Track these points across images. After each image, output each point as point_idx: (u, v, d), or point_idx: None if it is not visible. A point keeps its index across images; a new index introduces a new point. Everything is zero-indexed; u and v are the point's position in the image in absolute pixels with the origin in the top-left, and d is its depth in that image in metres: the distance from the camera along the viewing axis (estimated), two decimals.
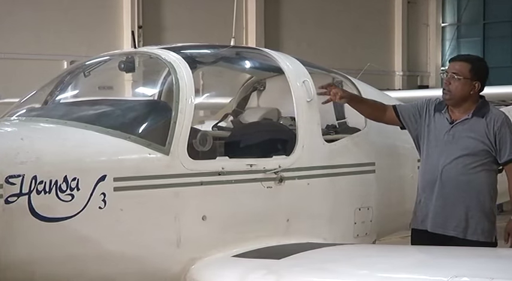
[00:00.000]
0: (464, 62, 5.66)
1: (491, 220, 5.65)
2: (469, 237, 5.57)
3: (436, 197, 5.62)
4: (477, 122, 5.59)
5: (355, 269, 4.91)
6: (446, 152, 5.60)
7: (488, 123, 5.56)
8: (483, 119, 5.58)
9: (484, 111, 5.62)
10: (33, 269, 4.69)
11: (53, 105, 5.86)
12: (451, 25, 30.09)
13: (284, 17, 24.39)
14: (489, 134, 5.55)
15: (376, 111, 5.94)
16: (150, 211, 4.99)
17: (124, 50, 7.14)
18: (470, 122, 5.61)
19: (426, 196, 5.69)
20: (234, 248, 5.28)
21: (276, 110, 6.72)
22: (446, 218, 5.60)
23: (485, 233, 5.61)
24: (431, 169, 5.66)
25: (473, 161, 5.56)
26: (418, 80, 28.91)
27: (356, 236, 6.06)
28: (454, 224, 5.59)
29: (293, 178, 5.60)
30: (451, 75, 5.61)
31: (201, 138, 5.28)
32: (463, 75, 5.58)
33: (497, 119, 5.57)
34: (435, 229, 5.64)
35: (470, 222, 5.58)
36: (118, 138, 5.03)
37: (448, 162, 5.58)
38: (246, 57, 6.77)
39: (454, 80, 5.59)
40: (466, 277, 4.33)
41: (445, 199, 5.59)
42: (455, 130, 5.61)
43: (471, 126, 5.59)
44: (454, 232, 5.59)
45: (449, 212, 5.60)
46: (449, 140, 5.61)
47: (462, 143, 5.58)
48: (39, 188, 4.58)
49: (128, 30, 19.93)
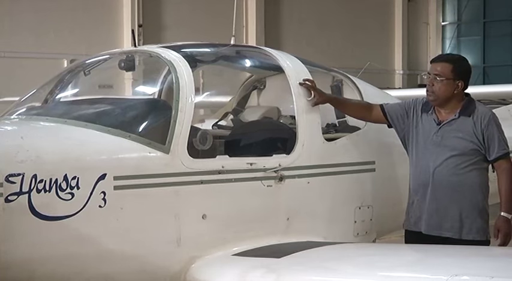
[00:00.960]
0: (445, 62, 5.65)
1: (484, 218, 5.67)
2: (464, 237, 5.58)
3: (429, 199, 5.63)
4: (464, 122, 5.59)
5: (355, 268, 4.91)
6: (436, 154, 5.60)
7: (475, 122, 5.56)
8: (470, 118, 5.58)
9: (470, 110, 5.62)
10: (34, 268, 4.69)
11: (53, 104, 5.86)
12: (451, 24, 30.11)
13: (284, 15, 24.40)
14: (477, 133, 5.55)
15: (361, 110, 5.97)
16: (150, 210, 4.99)
17: (124, 49, 7.12)
18: (457, 122, 5.61)
19: (419, 198, 5.70)
20: (234, 247, 5.28)
21: (276, 109, 6.72)
22: (441, 220, 5.61)
23: (480, 232, 5.62)
24: (422, 171, 5.67)
25: (463, 161, 5.57)
26: (418, 79, 28.89)
27: (356, 235, 6.06)
28: (449, 225, 5.60)
29: (293, 176, 5.60)
30: (433, 76, 5.60)
31: (201, 137, 5.28)
32: (445, 76, 5.58)
33: (484, 117, 5.57)
34: (430, 231, 5.65)
35: (465, 222, 5.59)
36: (118, 137, 5.03)
37: (438, 164, 5.58)
38: (246, 56, 6.76)
39: (437, 81, 5.58)
40: (466, 275, 4.34)
41: (439, 201, 5.60)
42: (443, 131, 5.62)
43: (459, 126, 5.59)
44: (449, 233, 5.60)
45: (444, 213, 5.60)
46: (437, 142, 5.62)
47: (451, 144, 5.58)
48: (39, 186, 4.58)
49: (128, 29, 19.95)
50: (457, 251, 5.28)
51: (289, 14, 24.44)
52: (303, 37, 23.89)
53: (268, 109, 6.72)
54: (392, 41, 27.82)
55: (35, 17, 18.75)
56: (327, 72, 6.57)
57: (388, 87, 22.01)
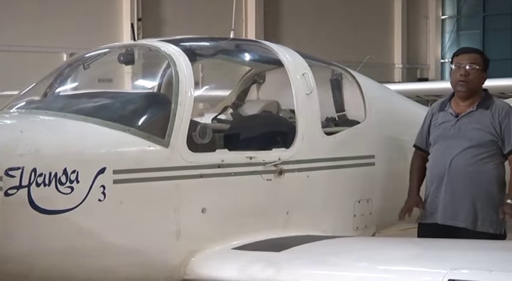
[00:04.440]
0: (475, 53, 5.81)
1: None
2: (478, 229, 5.63)
3: (445, 189, 5.68)
4: (482, 114, 5.67)
5: (355, 262, 4.91)
6: (454, 145, 5.66)
7: (493, 114, 5.65)
8: (488, 110, 5.67)
9: (488, 103, 5.72)
10: (33, 262, 4.69)
11: (53, 98, 5.85)
12: (450, 17, 30.07)
13: (284, 9, 24.38)
14: (495, 124, 5.63)
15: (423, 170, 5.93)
16: (150, 204, 4.98)
17: (123, 43, 7.11)
18: (475, 114, 5.69)
19: (435, 188, 5.74)
20: (233, 241, 5.29)
21: (276, 103, 6.71)
22: (456, 210, 5.65)
23: (493, 225, 5.65)
24: (439, 162, 5.72)
25: (481, 152, 5.62)
26: (417, 73, 28.91)
27: (356, 228, 6.07)
28: (464, 216, 5.64)
29: (293, 170, 5.60)
30: (470, 66, 5.67)
31: (200, 131, 5.27)
32: (479, 66, 5.71)
33: (501, 110, 5.68)
34: (445, 221, 5.69)
35: (479, 214, 5.63)
36: (117, 131, 5.02)
37: (456, 154, 5.64)
38: (245, 49, 6.76)
39: (473, 71, 5.68)
40: (465, 269, 4.34)
41: (454, 191, 5.65)
42: (461, 123, 5.68)
43: (477, 118, 5.66)
44: (463, 224, 5.64)
45: (459, 203, 5.65)
46: (455, 133, 5.68)
47: (469, 135, 5.64)
48: (38, 180, 4.58)
49: (127, 23, 19.93)
50: (457, 245, 5.29)
51: (289, 7, 24.41)
52: (302, 31, 23.86)
53: (267, 103, 6.72)
54: (392, 35, 27.80)
55: (35, 11, 18.73)
56: (327, 66, 6.57)
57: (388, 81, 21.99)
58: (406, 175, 6.03)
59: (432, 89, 14.97)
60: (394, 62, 27.83)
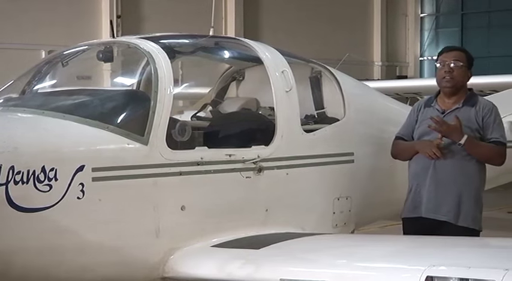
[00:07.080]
0: (460, 51, 5.94)
1: (479, 207, 5.80)
2: (460, 223, 5.68)
3: (429, 182, 5.73)
4: (467, 111, 5.77)
5: (334, 259, 4.92)
6: None
7: (477, 111, 5.76)
8: (473, 108, 5.78)
9: (473, 101, 5.83)
10: (11, 260, 4.66)
11: (31, 95, 5.83)
12: (429, 15, 30.16)
13: (263, 7, 24.35)
14: (478, 119, 5.74)
15: None
16: (129, 201, 4.97)
17: (102, 40, 7.08)
18: (461, 110, 5.78)
19: (419, 183, 5.79)
20: (213, 238, 5.28)
21: (255, 100, 6.71)
22: (439, 203, 5.71)
23: (474, 220, 5.74)
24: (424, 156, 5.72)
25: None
26: (397, 70, 28.95)
27: (335, 226, 6.08)
28: (446, 209, 5.70)
29: (272, 167, 5.60)
30: (454, 62, 5.76)
31: (179, 129, 5.27)
32: (464, 63, 5.80)
33: (485, 106, 5.80)
34: (428, 214, 5.73)
35: (462, 207, 5.70)
36: (96, 128, 5.00)
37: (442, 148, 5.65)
38: (225, 47, 6.75)
39: (457, 67, 5.77)
40: (444, 265, 4.37)
41: (438, 184, 5.71)
42: (447, 119, 5.73)
43: (462, 115, 5.73)
44: (445, 217, 5.70)
45: (442, 197, 5.70)
46: None
47: None
48: (16, 178, 4.55)
49: (106, 20, 19.80)
50: (437, 242, 5.31)
51: (268, 4, 24.38)
52: (282, 28, 23.82)
53: (247, 100, 6.72)
54: (371, 32, 27.83)
55: (13, 7, 18.59)
56: (306, 63, 6.57)
57: (367, 78, 22.08)
58: (386, 172, 6.05)
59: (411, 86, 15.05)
60: (373, 59, 27.87)
